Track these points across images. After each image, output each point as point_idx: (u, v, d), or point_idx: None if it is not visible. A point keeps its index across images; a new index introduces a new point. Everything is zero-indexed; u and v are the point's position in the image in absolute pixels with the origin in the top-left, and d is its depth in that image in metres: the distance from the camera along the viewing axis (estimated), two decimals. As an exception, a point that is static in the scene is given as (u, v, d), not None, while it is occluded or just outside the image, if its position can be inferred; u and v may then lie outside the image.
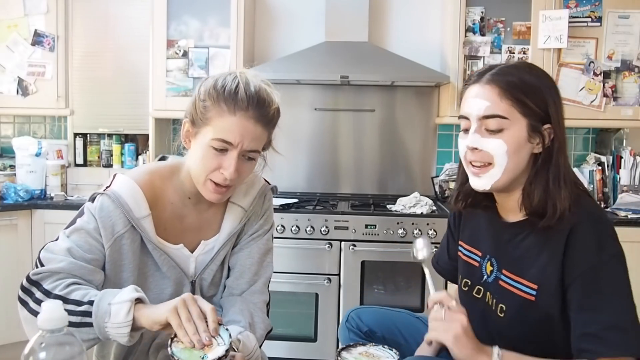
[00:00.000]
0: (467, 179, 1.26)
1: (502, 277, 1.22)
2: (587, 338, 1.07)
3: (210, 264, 1.31)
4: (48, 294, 1.09)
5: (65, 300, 1.07)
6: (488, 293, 1.27)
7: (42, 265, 1.14)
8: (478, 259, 1.31)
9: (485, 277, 1.28)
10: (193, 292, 1.29)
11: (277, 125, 1.27)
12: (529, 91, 1.13)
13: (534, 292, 1.15)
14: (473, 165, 1.18)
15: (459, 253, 1.38)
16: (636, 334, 1.05)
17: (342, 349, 1.14)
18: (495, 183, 1.16)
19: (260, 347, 1.26)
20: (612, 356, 1.04)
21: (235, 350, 1.11)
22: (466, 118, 1.18)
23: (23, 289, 1.13)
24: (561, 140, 1.15)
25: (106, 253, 1.18)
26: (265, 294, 1.37)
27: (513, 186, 1.18)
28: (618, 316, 1.05)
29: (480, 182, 1.18)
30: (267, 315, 1.37)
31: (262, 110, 1.18)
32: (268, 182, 1.42)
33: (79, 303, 1.07)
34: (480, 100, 1.14)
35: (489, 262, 1.27)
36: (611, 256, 1.08)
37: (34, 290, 1.11)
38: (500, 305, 1.22)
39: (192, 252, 1.30)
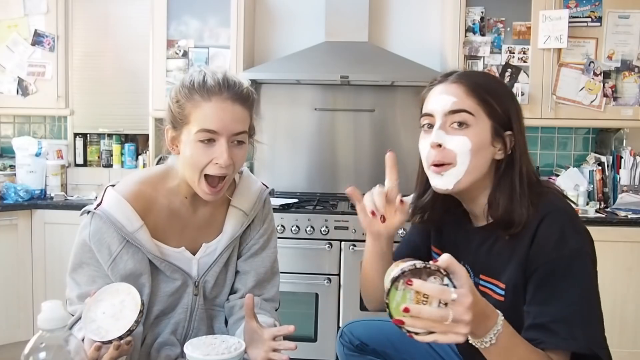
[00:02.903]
0: (425, 190, 1.24)
1: (481, 282, 1.20)
2: (534, 328, 1.05)
3: (214, 266, 1.32)
4: None
5: None
6: None
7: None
8: None
9: None
10: (197, 293, 1.31)
11: (255, 109, 1.27)
12: (494, 94, 1.14)
13: (502, 292, 1.14)
14: (435, 165, 1.15)
15: (433, 260, 1.33)
16: (585, 328, 1.03)
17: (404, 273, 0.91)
18: (457, 184, 1.13)
19: None
20: (556, 348, 1.02)
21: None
22: (430, 115, 1.16)
23: None
24: (522, 148, 1.15)
25: (108, 274, 1.20)
26: (276, 302, 1.42)
27: (476, 192, 1.17)
28: (568, 310, 1.03)
29: (442, 181, 1.15)
30: None
31: (235, 89, 1.19)
32: (266, 186, 1.43)
33: None
34: (447, 96, 1.14)
35: None
36: (572, 250, 1.06)
37: None
38: None
39: (194, 254, 1.30)
